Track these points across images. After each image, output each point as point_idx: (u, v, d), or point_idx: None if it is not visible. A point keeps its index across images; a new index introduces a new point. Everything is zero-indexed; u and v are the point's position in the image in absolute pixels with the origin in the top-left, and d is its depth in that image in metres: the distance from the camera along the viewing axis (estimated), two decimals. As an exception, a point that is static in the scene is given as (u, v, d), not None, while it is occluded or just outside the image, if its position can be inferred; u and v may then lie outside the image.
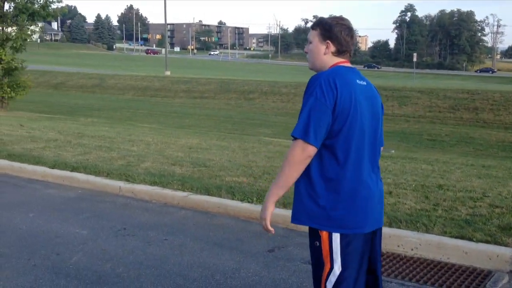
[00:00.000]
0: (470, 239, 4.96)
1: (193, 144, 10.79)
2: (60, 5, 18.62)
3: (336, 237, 2.57)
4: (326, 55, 2.70)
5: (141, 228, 5.69)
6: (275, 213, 3.31)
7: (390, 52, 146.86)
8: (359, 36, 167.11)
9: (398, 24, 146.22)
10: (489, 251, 4.78)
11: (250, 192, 6.52)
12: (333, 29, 2.67)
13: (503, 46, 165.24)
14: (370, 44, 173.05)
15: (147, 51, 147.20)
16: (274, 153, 10.00)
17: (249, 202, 6.27)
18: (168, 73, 48.87)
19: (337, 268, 2.58)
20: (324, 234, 2.58)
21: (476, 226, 5.23)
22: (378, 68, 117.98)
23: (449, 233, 5.12)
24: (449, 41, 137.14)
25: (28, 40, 17.95)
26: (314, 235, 2.64)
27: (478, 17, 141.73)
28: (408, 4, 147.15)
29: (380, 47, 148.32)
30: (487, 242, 4.91)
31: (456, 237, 5.05)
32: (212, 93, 35.71)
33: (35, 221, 5.88)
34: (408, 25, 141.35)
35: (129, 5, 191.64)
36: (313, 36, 2.73)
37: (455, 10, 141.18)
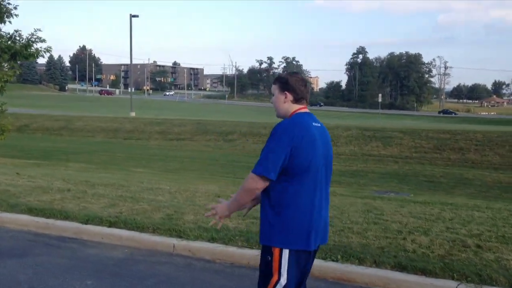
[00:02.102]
0: None
1: (215, 191, 10.10)
2: (42, 45, 17.55)
3: (286, 253, 3.08)
4: (286, 103, 3.26)
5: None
6: None
7: (343, 92, 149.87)
8: (311, 77, 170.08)
9: (350, 66, 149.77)
10: None
11: (328, 249, 5.90)
12: (289, 81, 3.25)
13: (449, 87, 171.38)
14: (322, 85, 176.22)
15: (100, 92, 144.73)
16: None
17: (333, 260, 5.66)
18: (133, 114, 47.80)
19: (283, 280, 3.09)
20: (275, 250, 3.10)
21: None
22: (321, 105, 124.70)
23: None
24: (399, 82, 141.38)
25: (10, 80, 16.92)
26: (266, 251, 3.17)
27: (425, 59, 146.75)
28: (360, 46, 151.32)
29: (333, 88, 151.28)
30: None
31: None
32: (189, 135, 34.89)
33: (102, 290, 5.07)
34: (360, 66, 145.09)
35: (81, 46, 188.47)
36: (274, 89, 3.31)
37: (404, 52, 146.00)
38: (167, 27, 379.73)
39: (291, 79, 3.26)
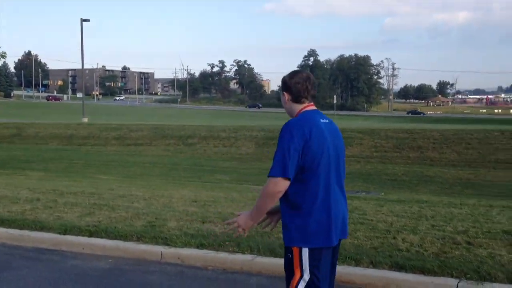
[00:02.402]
0: None
1: (191, 197, 9.88)
2: (-4, 49, 16.85)
3: (306, 251, 3.10)
4: (287, 104, 3.31)
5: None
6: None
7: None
8: (262, 80, 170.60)
9: (302, 68, 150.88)
10: None
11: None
12: (287, 82, 3.28)
13: (397, 87, 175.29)
14: (274, 87, 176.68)
15: (48, 98, 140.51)
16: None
17: (329, 263, 5.56)
18: (85, 119, 46.61)
19: (306, 275, 3.11)
20: (297, 251, 3.12)
21: None
22: (259, 107, 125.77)
23: None
24: (349, 83, 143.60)
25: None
26: (288, 251, 3.19)
27: (374, 61, 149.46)
28: (311, 49, 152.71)
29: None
30: None
31: None
32: (147, 140, 34.24)
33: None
34: (311, 69, 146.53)
35: (27, 51, 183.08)
36: (281, 90, 3.35)
37: (353, 55, 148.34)
38: (116, 32, 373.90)
39: (289, 79, 3.29)
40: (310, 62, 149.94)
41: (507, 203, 10.14)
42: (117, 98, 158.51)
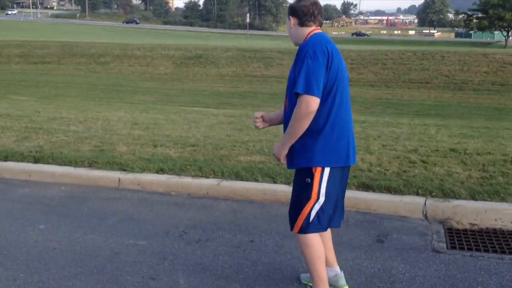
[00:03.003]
0: None
1: (128, 119, 9.47)
2: None
3: (326, 171, 3.07)
4: (293, 28, 3.19)
5: (203, 229, 4.66)
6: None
7: (202, 12, 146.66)
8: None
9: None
10: None
11: (282, 173, 5.77)
12: (294, 7, 3.17)
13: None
14: (179, 4, 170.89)
15: None
16: (227, 124, 9.17)
17: (297, 185, 5.54)
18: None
19: (322, 198, 3.11)
20: (318, 171, 3.06)
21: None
22: (137, 22, 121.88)
23: (539, 200, 5.01)
24: (256, 2, 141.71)
25: None
26: (306, 174, 3.10)
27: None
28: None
29: (192, 8, 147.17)
30: None
31: (550, 205, 4.96)
32: (55, 58, 32.19)
33: (61, 235, 4.50)
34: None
35: None
36: (288, 16, 3.22)
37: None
38: None
39: (296, 3, 3.20)
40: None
41: (437, 121, 10.57)
42: (9, 12, 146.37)
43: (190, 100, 19.12)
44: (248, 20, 59.39)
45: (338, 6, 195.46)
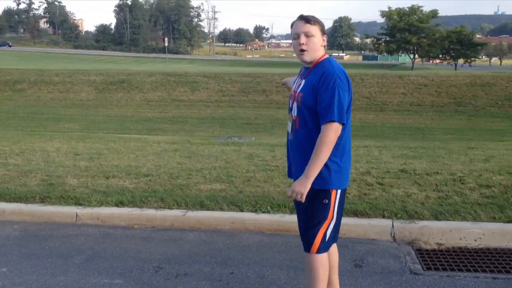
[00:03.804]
0: (523, 221, 5.14)
1: (67, 149, 9.05)
2: None
3: (339, 193, 3.19)
4: (322, 47, 3.18)
5: (178, 263, 4.51)
6: None
7: (114, 36, 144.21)
8: (75, 19, 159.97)
9: (119, 8, 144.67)
10: (553, 230, 5.01)
11: (247, 201, 5.71)
12: (324, 27, 3.19)
13: (218, 31, 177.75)
14: (89, 28, 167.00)
15: None
16: (173, 151, 8.99)
17: (264, 212, 5.50)
18: None
19: (334, 219, 3.23)
20: (334, 193, 3.15)
21: (508, 205, 5.46)
22: (10, 45, 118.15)
23: (498, 218, 5.25)
24: (170, 26, 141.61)
25: None
26: (324, 195, 3.14)
27: (194, 3, 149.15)
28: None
29: (103, 31, 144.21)
30: (538, 222, 5.15)
31: (509, 222, 5.20)
32: (-35, 85, 30.41)
33: (28, 278, 4.19)
34: (130, 9, 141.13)
35: None
36: (315, 30, 3.13)
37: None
38: None
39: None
40: (129, 2, 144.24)
41: (377, 143, 10.89)
42: None
43: (118, 127, 18.63)
44: (166, 44, 59.16)
45: (251, 30, 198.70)
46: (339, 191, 3.19)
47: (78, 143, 10.12)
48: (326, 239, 3.23)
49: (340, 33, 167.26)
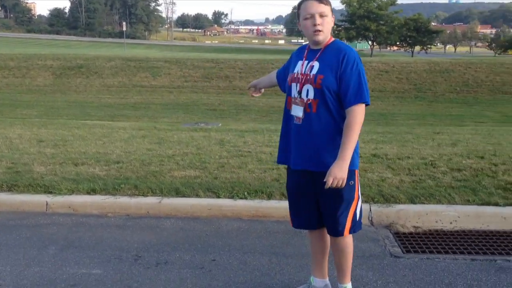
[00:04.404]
0: (497, 204, 5.24)
1: (31, 136, 8.75)
2: None
3: (357, 173, 3.21)
4: (331, 28, 3.14)
5: (157, 251, 4.40)
6: None
7: (69, 20, 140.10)
8: (27, 3, 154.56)
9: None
10: (526, 212, 5.12)
11: (223, 187, 5.63)
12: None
13: (175, 16, 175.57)
14: (42, 12, 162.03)
15: None
16: (141, 137, 8.81)
17: (241, 198, 5.44)
18: None
19: (360, 198, 3.29)
20: (357, 173, 3.19)
21: (481, 188, 5.56)
22: None
23: (472, 201, 5.33)
24: (127, 10, 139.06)
25: None
26: (350, 177, 3.08)
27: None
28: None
29: (57, 15, 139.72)
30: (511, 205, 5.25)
31: (483, 204, 5.29)
32: None
33: (1, 269, 4.02)
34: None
35: None
36: (328, 10, 3.06)
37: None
38: None
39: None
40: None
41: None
42: None
43: (79, 113, 18.18)
44: (124, 28, 57.96)
45: (210, 15, 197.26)
46: (356, 170, 3.20)
47: (41, 130, 9.80)
48: (357, 219, 3.27)
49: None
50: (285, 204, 5.24)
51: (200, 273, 3.98)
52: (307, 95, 3.10)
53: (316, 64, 3.10)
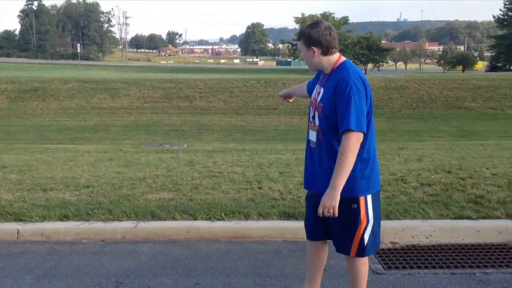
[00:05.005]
0: (470, 218, 5.37)
1: (-7, 162, 8.48)
2: None
3: (369, 198, 3.16)
4: (315, 58, 3.15)
5: (138, 277, 4.31)
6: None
7: (19, 42, 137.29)
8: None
9: (24, 14, 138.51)
10: (498, 226, 5.26)
11: (199, 209, 5.59)
12: (313, 36, 3.11)
13: (130, 36, 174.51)
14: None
15: None
16: (108, 160, 8.65)
17: (218, 219, 5.39)
18: None
19: (371, 222, 3.21)
20: (362, 199, 3.13)
21: (452, 202, 5.68)
22: None
23: (446, 215, 5.44)
24: (79, 31, 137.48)
25: None
26: (352, 201, 3.12)
27: (104, 9, 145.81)
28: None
29: (8, 37, 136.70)
30: (483, 218, 5.39)
31: (456, 218, 5.40)
32: None
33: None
34: (36, 14, 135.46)
35: None
36: (300, 46, 3.19)
37: (81, 0, 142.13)
38: None
39: (314, 32, 3.12)
40: (34, 7, 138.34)
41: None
42: None
43: (37, 136, 17.75)
44: (79, 50, 57.08)
45: (164, 36, 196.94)
46: (368, 196, 3.17)
47: (1, 155, 9.51)
48: (365, 243, 3.23)
49: (254, 39, 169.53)
50: (263, 224, 5.27)
51: (185, 298, 3.91)
52: (317, 122, 3.20)
53: (322, 91, 3.19)
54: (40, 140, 15.98)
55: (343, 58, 3.20)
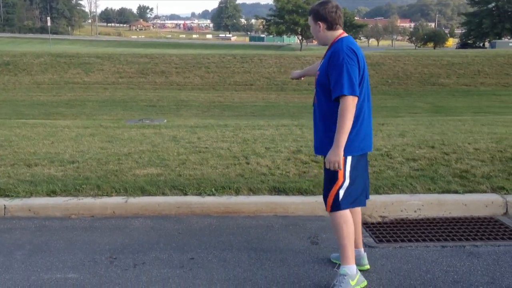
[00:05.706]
0: (457, 192, 5.46)
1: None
2: None
3: (349, 159, 3.48)
4: (321, 32, 3.53)
5: (132, 252, 4.29)
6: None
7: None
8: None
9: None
10: (484, 199, 5.36)
11: (189, 184, 5.56)
12: (320, 12, 3.50)
13: (99, 10, 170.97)
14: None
15: None
16: (90, 136, 8.53)
17: (209, 195, 5.38)
18: None
19: (347, 181, 3.52)
20: (348, 158, 3.47)
21: (438, 177, 5.77)
22: None
23: (433, 189, 5.52)
24: (47, 4, 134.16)
25: None
26: None
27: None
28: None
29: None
30: (469, 192, 5.49)
31: (443, 192, 5.49)
32: None
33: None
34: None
35: None
36: (310, 20, 3.59)
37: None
38: None
39: (322, 9, 3.50)
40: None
41: (294, 122, 11.01)
42: None
43: (11, 111, 17.38)
44: (49, 23, 55.76)
45: (135, 10, 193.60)
46: (349, 157, 3.47)
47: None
48: (339, 199, 3.53)
49: (226, 14, 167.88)
50: (254, 199, 5.28)
51: (182, 272, 3.90)
52: (316, 88, 3.60)
53: (322, 62, 3.61)
54: (14, 115, 15.66)
55: (344, 34, 3.55)
